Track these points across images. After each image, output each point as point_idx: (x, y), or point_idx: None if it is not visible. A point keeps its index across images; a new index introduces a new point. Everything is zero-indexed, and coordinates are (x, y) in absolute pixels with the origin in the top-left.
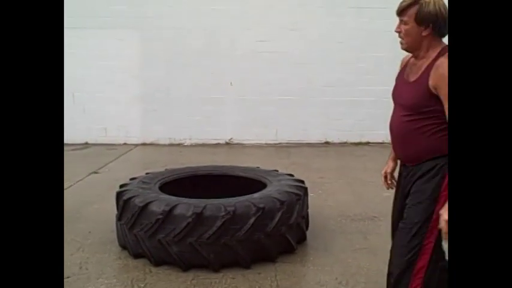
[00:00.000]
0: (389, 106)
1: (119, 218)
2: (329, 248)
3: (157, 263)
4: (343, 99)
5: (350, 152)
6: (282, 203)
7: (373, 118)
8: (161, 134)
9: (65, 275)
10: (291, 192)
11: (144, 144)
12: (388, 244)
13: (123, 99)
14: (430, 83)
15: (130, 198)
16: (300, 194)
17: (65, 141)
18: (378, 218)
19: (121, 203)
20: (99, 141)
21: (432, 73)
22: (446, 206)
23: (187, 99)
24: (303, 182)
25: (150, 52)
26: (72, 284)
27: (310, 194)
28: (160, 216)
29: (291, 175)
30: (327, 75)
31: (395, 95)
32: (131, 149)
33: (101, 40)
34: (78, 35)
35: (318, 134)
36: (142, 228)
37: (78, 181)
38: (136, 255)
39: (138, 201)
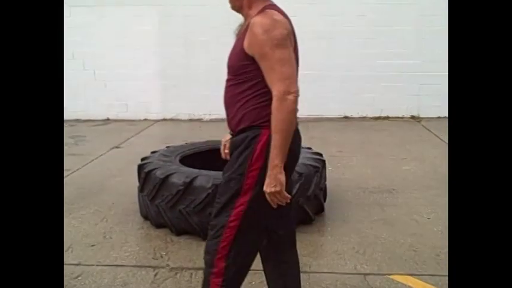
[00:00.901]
0: (410, 80)
1: (141, 189)
2: (346, 219)
3: (179, 232)
4: (363, 74)
5: (369, 126)
6: (300, 174)
7: (393, 92)
8: (181, 109)
9: (91, 243)
10: (309, 165)
11: (164, 119)
12: (405, 216)
13: (143, 75)
14: (245, 43)
15: (151, 170)
16: (318, 166)
17: (87, 117)
18: (395, 191)
19: (143, 175)
20: (120, 117)
21: (247, 33)
22: (267, 180)
23: (207, 75)
24: (321, 154)
25: (170, 28)
26: (97, 251)
27: (328, 167)
28: (181, 188)
29: (309, 148)
30: (347, 49)
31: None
32: (151, 125)
33: (121, 17)
34: (98, 13)
35: (337, 109)
36: (163, 199)
37: (100, 155)
38: (158, 225)
39: (159, 173)
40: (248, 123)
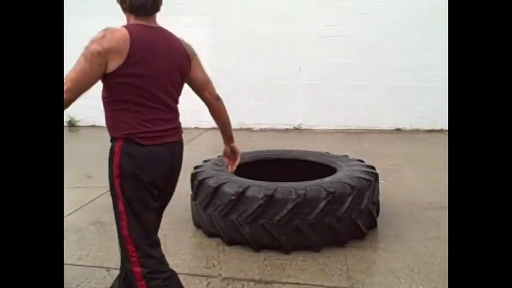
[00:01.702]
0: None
1: (194, 198)
2: (400, 236)
3: (230, 242)
4: (415, 85)
5: (422, 139)
6: (352, 188)
7: (447, 104)
8: (231, 118)
9: None
10: (362, 178)
11: (214, 128)
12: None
13: None
14: None
15: (204, 179)
16: (370, 179)
17: None
18: None
19: (196, 183)
20: None
21: None
22: None
23: (256, 84)
24: (373, 167)
25: (220, 38)
26: None
27: (380, 181)
28: (233, 198)
29: (362, 161)
30: (398, 59)
31: None
32: (202, 133)
33: (173, 27)
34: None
35: (388, 121)
36: (215, 208)
37: None
38: (210, 234)
39: (212, 182)
40: (109, 132)
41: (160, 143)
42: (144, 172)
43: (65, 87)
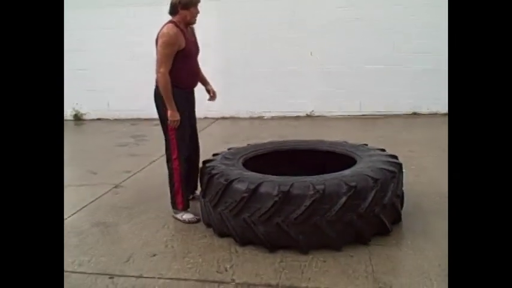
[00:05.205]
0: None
1: (203, 195)
2: (427, 230)
3: (243, 242)
4: (432, 67)
5: (441, 122)
6: (375, 181)
7: None
8: (241, 107)
9: (152, 252)
10: (385, 169)
11: (223, 118)
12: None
13: (203, 73)
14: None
15: (214, 175)
16: (394, 171)
17: (147, 116)
18: None
19: (205, 180)
20: None
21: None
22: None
23: (267, 71)
24: (396, 157)
25: (229, 24)
26: (159, 262)
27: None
28: (245, 195)
29: (383, 150)
30: (414, 41)
31: (192, 50)
32: (211, 123)
33: None
34: (159, 11)
35: (405, 105)
36: (226, 206)
37: (161, 156)
38: (221, 234)
39: (223, 179)
40: None
41: None
42: None
43: None
